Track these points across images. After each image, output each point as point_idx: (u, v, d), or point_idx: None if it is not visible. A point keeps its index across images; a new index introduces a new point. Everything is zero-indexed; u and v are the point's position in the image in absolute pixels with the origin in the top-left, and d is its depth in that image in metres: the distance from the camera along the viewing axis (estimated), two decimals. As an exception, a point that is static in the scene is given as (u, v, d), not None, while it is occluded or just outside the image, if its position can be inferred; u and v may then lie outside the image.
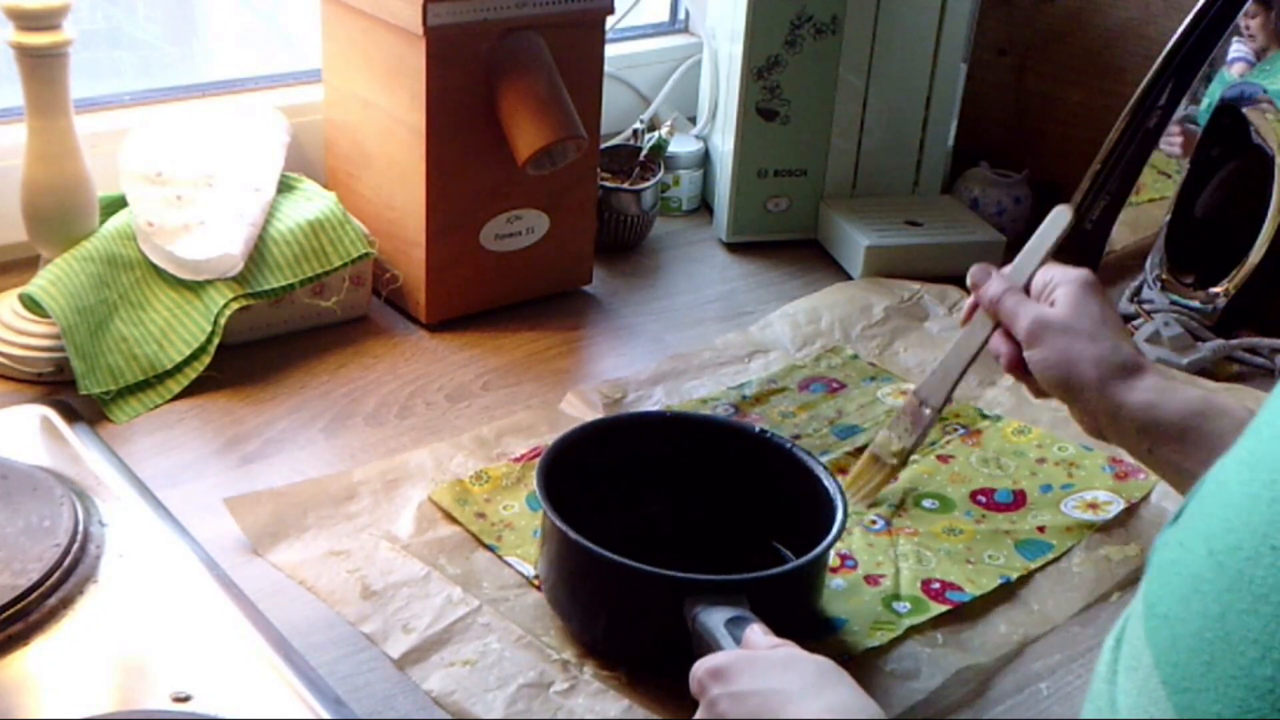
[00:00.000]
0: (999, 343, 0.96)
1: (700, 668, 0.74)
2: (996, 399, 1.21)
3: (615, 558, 0.83)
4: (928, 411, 0.99)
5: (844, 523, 0.88)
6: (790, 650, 0.74)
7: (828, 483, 0.92)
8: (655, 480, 0.99)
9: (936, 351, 1.28)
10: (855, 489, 1.01)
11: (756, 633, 0.77)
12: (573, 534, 0.84)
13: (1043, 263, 0.97)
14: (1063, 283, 0.93)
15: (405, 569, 0.94)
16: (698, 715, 0.73)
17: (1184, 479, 0.86)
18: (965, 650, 0.91)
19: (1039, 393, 0.95)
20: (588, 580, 0.87)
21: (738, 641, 0.77)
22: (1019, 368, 0.95)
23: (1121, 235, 1.42)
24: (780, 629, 0.78)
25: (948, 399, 0.99)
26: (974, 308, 0.99)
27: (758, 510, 0.97)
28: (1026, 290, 0.96)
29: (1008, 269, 0.98)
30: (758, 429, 1.00)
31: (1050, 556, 1.01)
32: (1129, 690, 0.47)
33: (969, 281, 0.98)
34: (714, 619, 0.79)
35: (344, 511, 0.99)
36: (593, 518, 0.87)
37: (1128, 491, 1.08)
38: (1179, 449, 0.85)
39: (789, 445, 0.96)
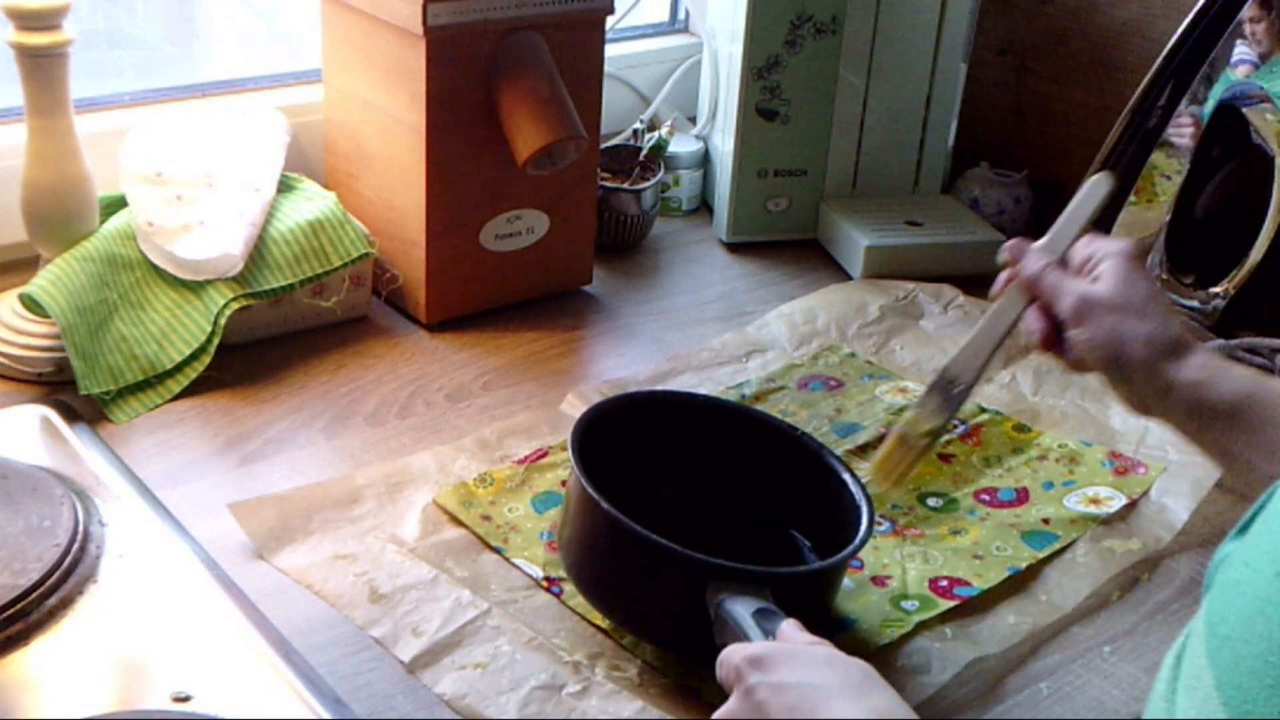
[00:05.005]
0: (1033, 320, 0.90)
1: (736, 654, 0.72)
2: (994, 395, 1.21)
3: (648, 535, 0.82)
4: (958, 389, 0.92)
5: (870, 529, 0.88)
6: (831, 649, 0.73)
7: (854, 489, 0.92)
8: (678, 461, 0.98)
9: (932, 349, 1.28)
10: (884, 472, 0.93)
11: (793, 628, 0.76)
12: (605, 503, 0.83)
13: (1080, 234, 0.92)
14: (1107, 256, 0.88)
15: (413, 572, 0.93)
16: (731, 703, 0.71)
17: (1231, 461, 0.85)
18: (975, 643, 0.91)
19: (1076, 368, 0.90)
20: (616, 553, 0.86)
21: (767, 634, 0.76)
22: (1054, 345, 0.90)
23: (1121, 236, 1.42)
24: None
25: (978, 377, 0.92)
26: (1007, 282, 0.93)
27: (778, 504, 0.97)
28: (1063, 263, 0.90)
29: (1042, 241, 0.92)
30: (790, 426, 1.00)
31: (1056, 546, 1.01)
32: (1187, 710, 0.46)
33: (1000, 257, 0.93)
34: (740, 608, 0.78)
35: (348, 515, 0.99)
36: (616, 490, 0.86)
37: (1128, 487, 1.08)
38: (1227, 431, 0.83)
39: (818, 447, 0.96)
